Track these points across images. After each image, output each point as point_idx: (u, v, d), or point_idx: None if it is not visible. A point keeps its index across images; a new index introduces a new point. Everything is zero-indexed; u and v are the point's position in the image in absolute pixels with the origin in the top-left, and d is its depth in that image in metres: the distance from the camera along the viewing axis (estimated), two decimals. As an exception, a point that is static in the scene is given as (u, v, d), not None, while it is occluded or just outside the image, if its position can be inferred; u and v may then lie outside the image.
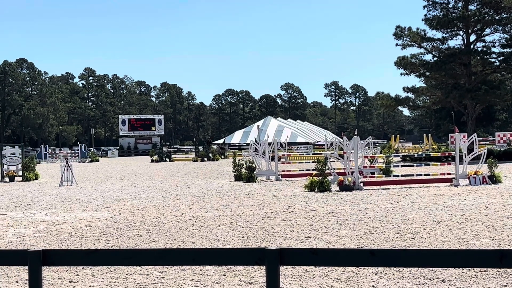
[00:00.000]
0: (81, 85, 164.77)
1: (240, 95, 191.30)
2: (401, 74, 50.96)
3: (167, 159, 60.18)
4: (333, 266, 8.51)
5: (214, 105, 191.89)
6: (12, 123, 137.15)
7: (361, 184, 22.32)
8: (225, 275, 8.73)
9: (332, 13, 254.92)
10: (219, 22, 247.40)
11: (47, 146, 77.44)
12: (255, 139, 63.74)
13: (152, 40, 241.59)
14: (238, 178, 27.98)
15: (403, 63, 50.05)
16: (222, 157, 63.62)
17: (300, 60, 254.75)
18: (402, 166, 29.43)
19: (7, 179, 32.65)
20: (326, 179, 21.95)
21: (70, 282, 8.57)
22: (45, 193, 23.78)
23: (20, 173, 33.18)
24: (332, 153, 26.50)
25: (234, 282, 8.31)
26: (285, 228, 13.12)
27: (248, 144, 64.47)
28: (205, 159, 58.61)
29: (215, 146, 64.70)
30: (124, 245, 11.47)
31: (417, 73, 51.54)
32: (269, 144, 31.42)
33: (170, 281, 8.44)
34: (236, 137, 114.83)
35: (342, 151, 25.54)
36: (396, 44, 50.94)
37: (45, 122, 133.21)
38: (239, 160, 29.07)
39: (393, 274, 8.53)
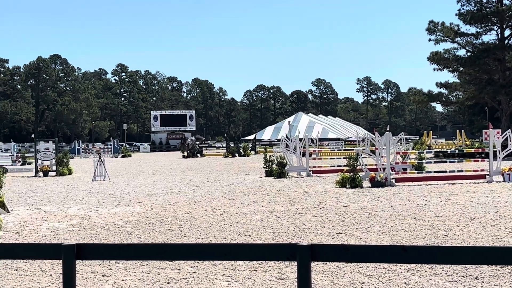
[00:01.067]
0: (113, 81, 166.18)
1: (271, 91, 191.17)
2: (434, 69, 50.55)
3: (199, 155, 60.45)
4: (365, 263, 8.47)
5: (245, 101, 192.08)
6: (46, 119, 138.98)
7: (393, 180, 22.17)
8: (256, 270, 8.74)
9: (365, 7, 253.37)
10: (250, 17, 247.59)
11: (80, 141, 78.32)
12: (286, 135, 63.69)
13: (183, 36, 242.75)
14: (269, 173, 27.99)
15: (436, 59, 49.57)
16: (253, 152, 63.69)
17: (332, 56, 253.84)
18: (434, 162, 29.21)
19: (41, 173, 33.13)
20: (358, 175, 21.84)
21: (103, 276, 8.66)
22: (79, 188, 24.07)
23: (54, 168, 33.63)
24: (364, 149, 26.36)
25: (265, 278, 8.33)
26: (316, 224, 13.09)
27: (279, 140, 64.41)
28: (236, 154, 58.75)
29: (197, 142, 60.75)
30: (156, 240, 11.56)
31: (450, 69, 51.01)
32: (300, 140, 31.36)
33: (202, 276, 8.48)
34: (267, 133, 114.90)
35: (373, 147, 25.37)
36: (429, 39, 50.52)
37: (79, 118, 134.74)
38: (270, 155, 29.08)
39: (426, 271, 8.46)
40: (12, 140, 77.05)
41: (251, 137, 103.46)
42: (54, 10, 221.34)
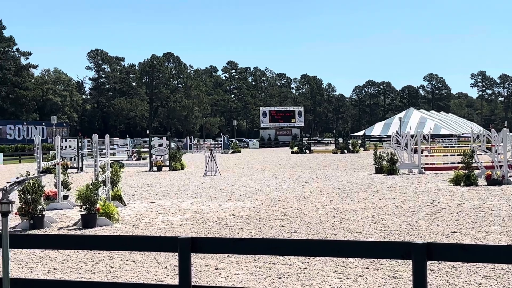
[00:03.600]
0: (224, 78, 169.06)
1: (381, 86, 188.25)
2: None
3: (307, 151, 60.48)
4: (482, 263, 8.18)
5: (354, 97, 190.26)
6: (159, 115, 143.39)
7: (511, 179, 21.27)
8: (368, 268, 8.62)
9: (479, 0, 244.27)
10: (358, 12, 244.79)
11: (192, 137, 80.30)
12: (397, 131, 62.53)
13: (292, 33, 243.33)
14: (379, 170, 27.58)
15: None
16: (362, 149, 63.00)
17: (445, 50, 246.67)
18: (556, 160, 27.71)
19: (155, 168, 34.21)
20: (473, 173, 21.12)
21: (216, 269, 8.82)
22: (191, 183, 24.66)
23: (167, 163, 34.62)
24: (479, 146, 25.45)
25: (377, 276, 8.20)
26: (430, 222, 12.76)
27: (389, 136, 63.36)
28: (345, 151, 58.29)
29: (173, 145, 50.94)
30: (266, 235, 11.64)
31: None
32: (412, 136, 30.69)
33: (313, 272, 8.46)
34: (376, 129, 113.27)
35: (489, 144, 24.44)
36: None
37: (190, 114, 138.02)
38: (380, 152, 28.62)
39: (548, 274, 8.05)
40: (127, 136, 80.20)
41: (360, 133, 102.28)
42: (167, 9, 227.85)
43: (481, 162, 23.17)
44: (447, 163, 28.63)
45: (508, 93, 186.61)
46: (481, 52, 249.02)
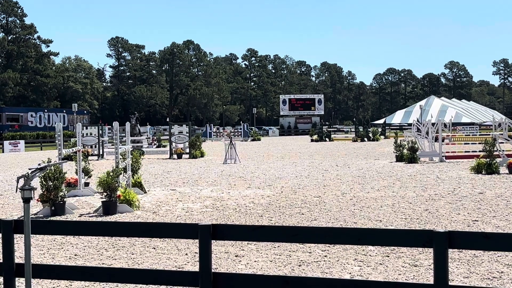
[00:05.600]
0: (243, 65, 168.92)
1: (402, 74, 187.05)
2: None
3: (327, 139, 60.35)
4: (504, 251, 8.12)
5: (374, 85, 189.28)
6: (179, 103, 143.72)
7: (533, 167, 21.06)
8: (388, 256, 8.59)
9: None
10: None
11: (212, 125, 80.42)
12: (418, 119, 62.15)
13: (312, 20, 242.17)
14: (399, 158, 27.44)
15: None
16: (382, 137, 62.73)
17: (466, 37, 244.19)
18: None
19: (175, 156, 34.31)
20: (494, 161, 20.94)
21: (236, 256, 8.84)
22: (211, 170, 24.71)
23: (187, 150, 34.72)
24: (501, 134, 25.21)
25: (398, 264, 8.17)
26: (450, 211, 12.67)
27: (409, 124, 62.94)
28: (365, 139, 58.08)
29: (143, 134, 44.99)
30: (286, 223, 11.64)
31: None
32: (433, 124, 30.48)
33: (333, 260, 8.45)
34: (397, 117, 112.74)
35: (511, 132, 24.21)
36: None
37: (210, 102, 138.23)
38: (400, 140, 28.47)
39: None
40: (148, 123, 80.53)
41: (381, 121, 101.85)
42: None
43: (503, 150, 22.97)
44: (468, 151, 28.41)
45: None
46: (504, 39, 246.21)
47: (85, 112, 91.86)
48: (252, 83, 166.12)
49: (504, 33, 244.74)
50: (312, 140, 59.59)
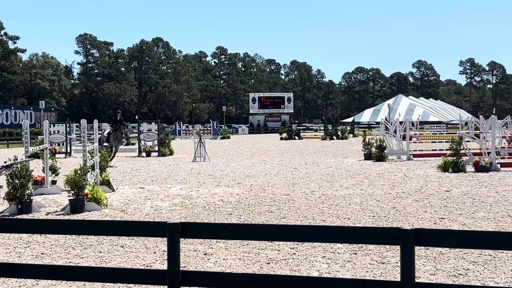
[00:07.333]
0: (213, 63, 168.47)
1: (370, 73, 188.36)
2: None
3: (296, 137, 60.53)
4: (470, 249, 8.24)
5: (343, 83, 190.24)
6: (148, 100, 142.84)
7: (499, 165, 21.40)
8: (356, 253, 8.66)
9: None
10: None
11: (181, 123, 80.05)
12: (386, 118, 62.65)
13: (282, 18, 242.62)
14: (367, 157, 27.66)
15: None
16: (351, 135, 63.12)
17: (434, 37, 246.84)
18: (543, 147, 27.87)
19: (144, 154, 34.14)
20: (461, 160, 21.23)
21: (204, 254, 8.83)
22: (180, 168, 24.63)
23: (156, 148, 34.56)
24: (468, 133, 25.55)
25: (365, 261, 8.24)
26: (418, 208, 12.82)
27: (378, 123, 63.50)
28: (334, 137, 58.39)
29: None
30: (255, 221, 11.66)
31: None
32: (401, 122, 30.76)
33: (301, 258, 8.49)
34: (365, 116, 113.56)
35: (478, 131, 24.55)
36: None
37: (179, 100, 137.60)
38: (369, 138, 28.68)
39: (535, 260, 8.12)
40: (116, 121, 79.70)
41: (349, 119, 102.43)
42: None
43: (469, 149, 23.28)
44: (436, 150, 28.74)
45: (497, 80, 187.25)
46: (470, 39, 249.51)
47: (53, 109, 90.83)
48: (221, 81, 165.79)
49: (470, 33, 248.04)
50: (281, 138, 59.73)
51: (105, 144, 26.85)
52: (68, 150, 35.79)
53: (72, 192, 13.07)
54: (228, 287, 4.95)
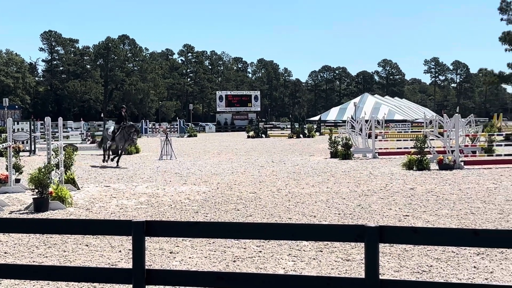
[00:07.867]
0: (180, 61, 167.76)
1: (337, 72, 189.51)
2: (506, 50, 49.05)
3: (263, 135, 60.58)
4: (434, 246, 8.34)
5: (310, 82, 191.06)
6: (114, 98, 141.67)
7: (462, 163, 21.70)
8: (321, 251, 8.72)
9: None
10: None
11: (147, 121, 79.58)
12: (352, 116, 63.08)
13: (249, 16, 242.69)
14: (334, 155, 27.82)
15: (508, 39, 48.13)
16: (317, 133, 63.42)
17: (399, 36, 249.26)
18: (505, 145, 28.37)
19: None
20: (425, 158, 21.48)
21: (170, 253, 8.80)
22: (146, 167, 24.49)
23: (122, 146, 34.24)
24: (432, 131, 25.87)
25: (331, 259, 8.30)
26: (383, 206, 12.95)
27: (344, 121, 63.89)
28: (301, 135, 58.60)
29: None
30: (222, 219, 11.66)
31: (523, 49, 49.42)
32: (366, 121, 31.02)
33: (267, 255, 8.51)
34: (332, 114, 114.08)
35: (442, 129, 24.88)
36: (501, 19, 49.07)
37: (146, 98, 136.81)
38: (335, 137, 28.88)
39: (496, 256, 8.26)
40: (81, 119, 79.06)
41: (316, 118, 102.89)
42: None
43: (433, 147, 23.58)
44: (401, 148, 29.00)
45: (461, 79, 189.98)
46: (434, 38, 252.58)
47: (17, 107, 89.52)
48: (188, 79, 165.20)
49: (434, 33, 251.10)
50: (248, 137, 59.72)
51: (109, 142, 26.32)
52: (33, 148, 35.32)
53: (36, 190, 12.91)
54: (193, 285, 4.94)
